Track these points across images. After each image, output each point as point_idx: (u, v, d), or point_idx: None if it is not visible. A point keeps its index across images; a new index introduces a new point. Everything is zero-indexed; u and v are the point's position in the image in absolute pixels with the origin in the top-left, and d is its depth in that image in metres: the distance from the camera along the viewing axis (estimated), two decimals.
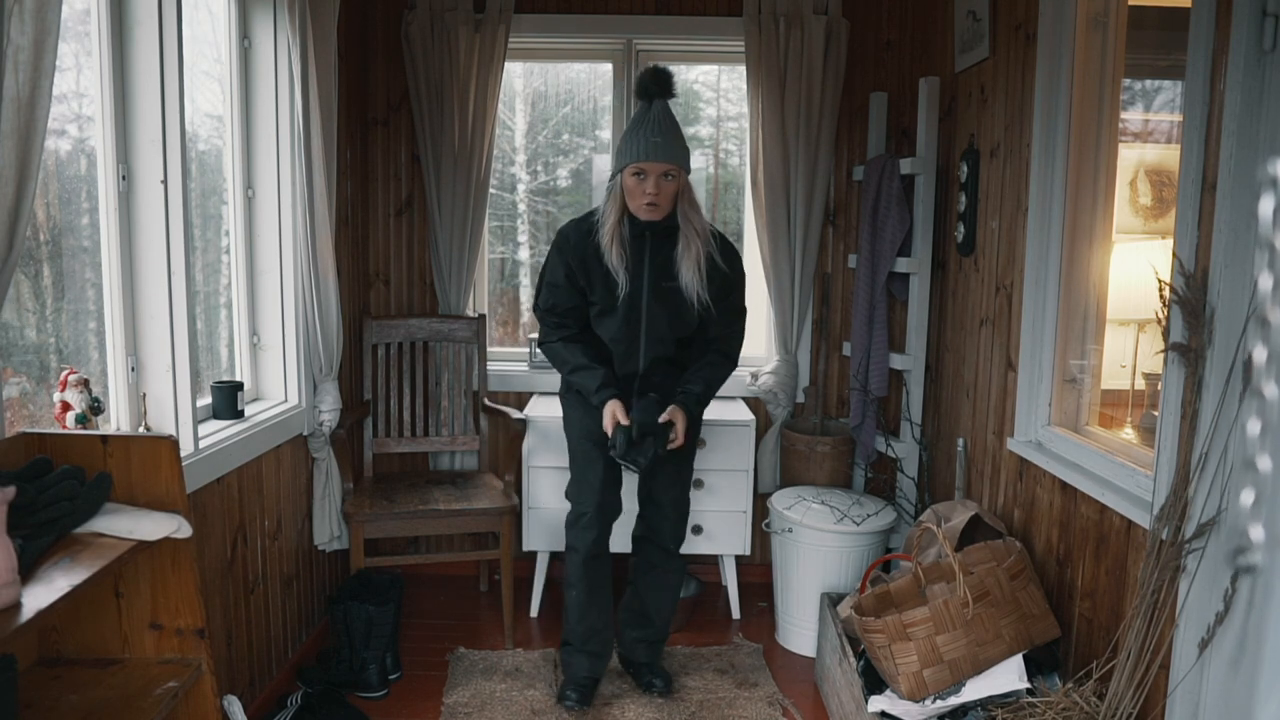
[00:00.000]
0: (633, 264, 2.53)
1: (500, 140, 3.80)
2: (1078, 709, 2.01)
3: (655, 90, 2.46)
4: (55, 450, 1.72)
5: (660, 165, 2.42)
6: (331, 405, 3.00)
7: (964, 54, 3.12)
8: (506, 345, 3.98)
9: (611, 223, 2.51)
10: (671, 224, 2.53)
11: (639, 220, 2.51)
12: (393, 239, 3.75)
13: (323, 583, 3.25)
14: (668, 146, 2.42)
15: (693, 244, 2.50)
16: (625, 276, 2.52)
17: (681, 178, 2.48)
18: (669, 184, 2.45)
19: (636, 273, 2.54)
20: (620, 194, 2.50)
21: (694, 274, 2.51)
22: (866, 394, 3.46)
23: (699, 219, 2.52)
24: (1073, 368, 2.54)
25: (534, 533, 3.40)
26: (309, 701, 2.59)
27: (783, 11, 3.46)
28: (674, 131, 2.46)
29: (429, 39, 3.48)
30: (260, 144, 2.80)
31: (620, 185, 2.50)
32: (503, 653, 3.13)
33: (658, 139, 2.41)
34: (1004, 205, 2.80)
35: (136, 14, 2.07)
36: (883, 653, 2.26)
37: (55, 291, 2.06)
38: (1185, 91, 1.84)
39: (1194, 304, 1.77)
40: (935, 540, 2.62)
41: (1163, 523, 1.83)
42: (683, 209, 2.50)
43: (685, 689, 2.89)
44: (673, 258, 2.54)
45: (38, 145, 1.50)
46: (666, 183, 2.45)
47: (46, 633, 1.81)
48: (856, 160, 3.69)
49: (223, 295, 2.79)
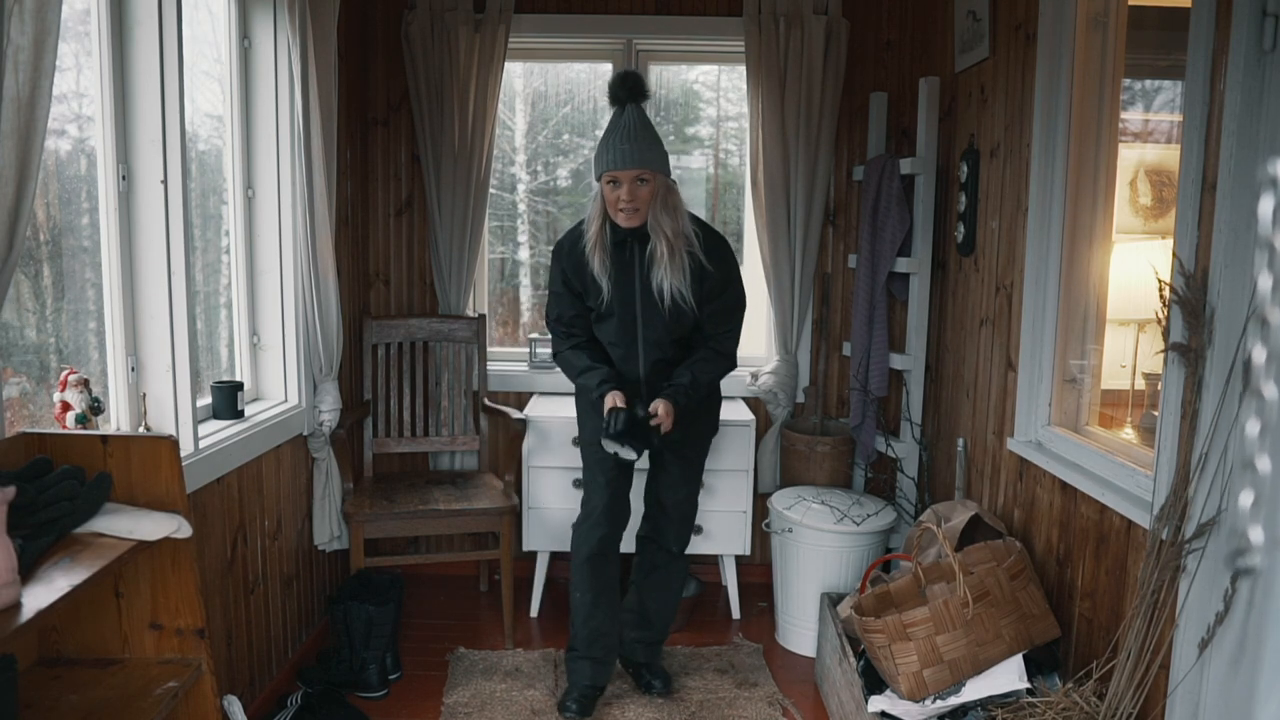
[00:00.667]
0: (619, 270, 2.54)
1: (500, 140, 3.80)
2: (1078, 709, 2.01)
3: (625, 95, 2.45)
4: (55, 450, 1.72)
5: (631, 172, 2.42)
6: (331, 405, 3.00)
7: (964, 54, 3.12)
8: (506, 345, 3.97)
9: (594, 231, 2.52)
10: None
11: (620, 227, 2.51)
12: (393, 239, 3.75)
13: (323, 583, 3.25)
14: (636, 152, 2.41)
15: (662, 249, 2.48)
16: (608, 284, 2.53)
17: (656, 181, 2.46)
18: (643, 189, 2.44)
19: (626, 279, 2.55)
20: (602, 201, 2.51)
21: (671, 277, 2.49)
22: (866, 394, 3.46)
23: (672, 221, 2.48)
24: (1073, 368, 2.54)
25: (534, 533, 3.40)
26: (309, 701, 2.59)
27: (783, 11, 3.46)
28: (646, 137, 2.44)
29: (429, 39, 3.48)
30: (260, 144, 2.80)
31: (600, 194, 2.51)
32: (503, 653, 3.13)
33: (626, 146, 2.41)
34: (1004, 205, 2.80)
35: (136, 14, 2.07)
36: (883, 653, 2.26)
37: (55, 291, 2.06)
38: (1185, 91, 1.84)
39: (1194, 304, 1.77)
40: (935, 540, 2.62)
41: (1163, 523, 1.83)
42: (654, 214, 2.47)
43: (685, 689, 2.90)
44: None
45: (38, 145, 1.50)
46: (641, 188, 2.44)
47: (46, 633, 1.81)
48: (856, 160, 3.69)
49: (223, 295, 2.79)
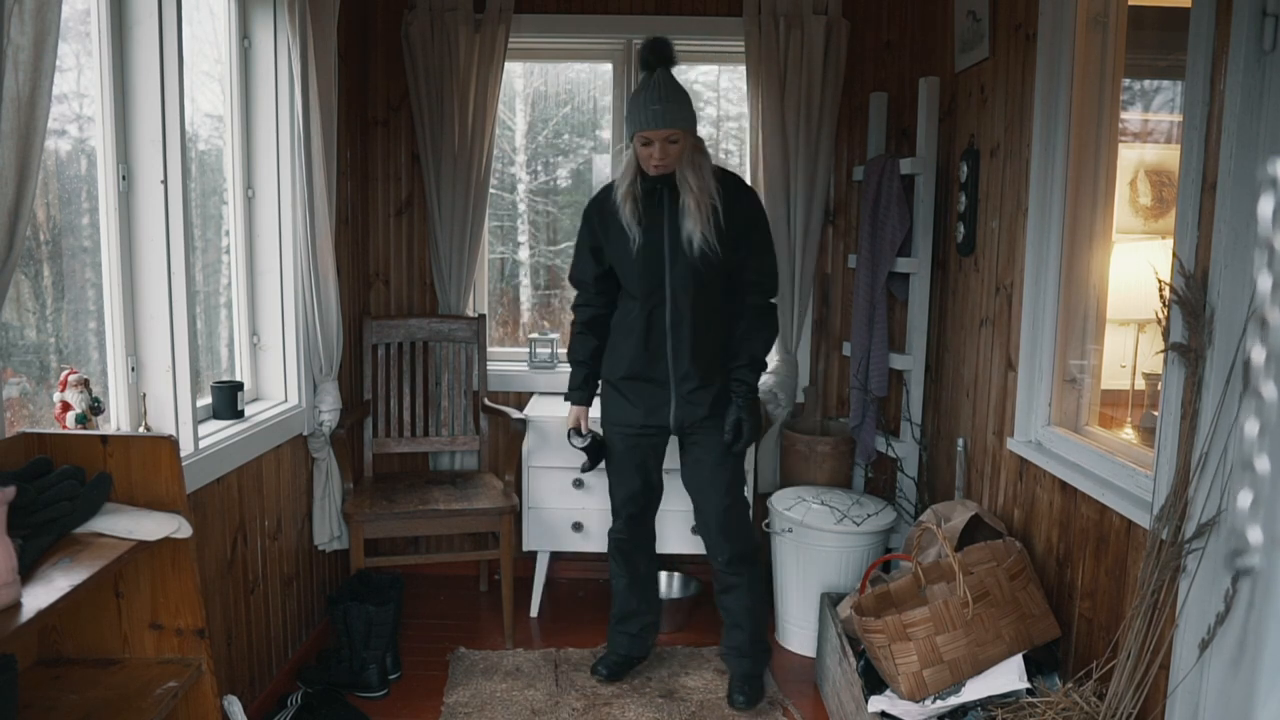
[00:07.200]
0: (650, 217, 2.65)
1: (500, 140, 3.80)
2: (1078, 709, 2.01)
3: (655, 60, 2.56)
4: (55, 450, 1.72)
5: (663, 132, 2.52)
6: (331, 405, 3.00)
7: (964, 54, 3.12)
8: (506, 345, 3.97)
9: (627, 183, 2.64)
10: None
11: (650, 177, 2.62)
12: (393, 239, 3.75)
13: (323, 583, 3.25)
14: (668, 113, 2.52)
15: (690, 201, 2.59)
16: (638, 230, 2.64)
17: (686, 140, 2.58)
18: (674, 147, 2.56)
19: (655, 224, 2.65)
20: (634, 157, 2.63)
21: (699, 226, 2.59)
22: (866, 394, 3.46)
23: (697, 177, 2.58)
24: (1073, 368, 2.54)
25: (534, 533, 3.40)
26: (309, 701, 2.59)
27: (783, 11, 3.45)
28: (676, 97, 2.55)
29: (429, 39, 3.48)
30: (260, 144, 2.80)
31: (634, 150, 2.62)
32: (503, 653, 3.13)
33: (657, 107, 2.51)
34: (1004, 205, 2.80)
35: (136, 14, 2.07)
36: (883, 653, 2.26)
37: (55, 291, 2.06)
38: (1185, 91, 1.84)
39: (1194, 304, 1.77)
40: (935, 540, 2.62)
41: (1163, 523, 1.83)
42: (681, 169, 2.58)
43: (685, 689, 2.90)
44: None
45: (38, 145, 1.50)
46: (672, 146, 2.55)
47: (46, 633, 1.81)
48: (856, 160, 3.69)
49: (223, 295, 2.79)
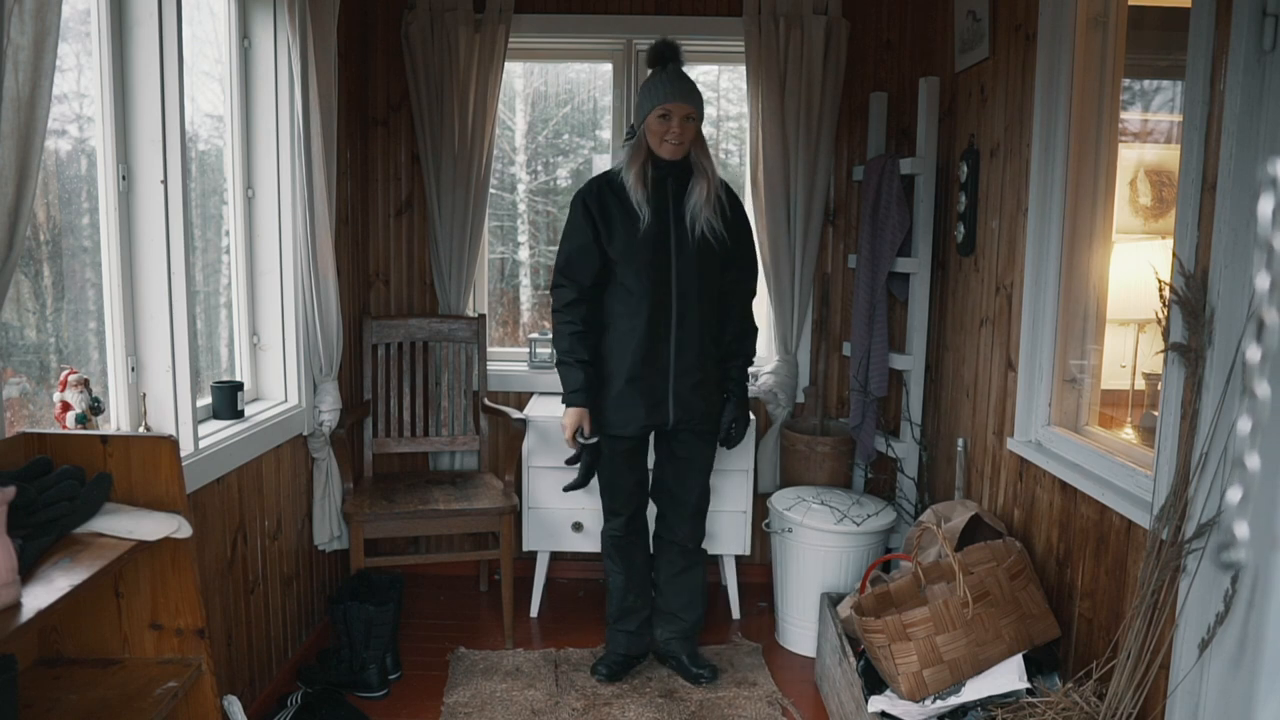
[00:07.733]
0: (656, 202, 2.66)
1: (500, 140, 3.80)
2: (1078, 709, 2.01)
3: (669, 55, 2.65)
4: (55, 450, 1.72)
5: (684, 106, 2.58)
6: (331, 405, 3.00)
7: (964, 54, 3.12)
8: (506, 345, 3.97)
9: (637, 165, 2.66)
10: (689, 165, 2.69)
11: (662, 162, 2.65)
12: (393, 239, 3.75)
13: (323, 583, 3.25)
14: (690, 91, 2.61)
15: (702, 186, 2.66)
16: (648, 210, 2.64)
17: (697, 127, 2.65)
18: (690, 126, 2.62)
19: (662, 208, 2.67)
20: (643, 142, 2.65)
21: (706, 211, 2.65)
22: (866, 394, 3.46)
23: (710, 165, 2.69)
24: (1073, 368, 2.54)
25: (534, 533, 3.40)
26: (309, 701, 2.59)
27: (783, 11, 3.45)
28: (692, 83, 2.64)
29: (429, 39, 3.48)
30: (260, 144, 2.80)
31: (643, 135, 2.65)
32: (503, 653, 3.13)
33: (678, 83, 2.60)
34: (1004, 205, 2.80)
35: (136, 14, 2.07)
36: (883, 653, 2.26)
37: (55, 291, 2.06)
38: (1185, 91, 1.84)
39: (1194, 304, 1.77)
40: (935, 540, 2.62)
41: (1163, 523, 1.83)
42: (695, 154, 2.67)
43: (685, 689, 2.89)
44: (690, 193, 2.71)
45: (38, 145, 1.50)
46: (688, 125, 2.61)
47: (46, 633, 1.81)
48: (856, 160, 3.69)
49: (223, 295, 2.79)
